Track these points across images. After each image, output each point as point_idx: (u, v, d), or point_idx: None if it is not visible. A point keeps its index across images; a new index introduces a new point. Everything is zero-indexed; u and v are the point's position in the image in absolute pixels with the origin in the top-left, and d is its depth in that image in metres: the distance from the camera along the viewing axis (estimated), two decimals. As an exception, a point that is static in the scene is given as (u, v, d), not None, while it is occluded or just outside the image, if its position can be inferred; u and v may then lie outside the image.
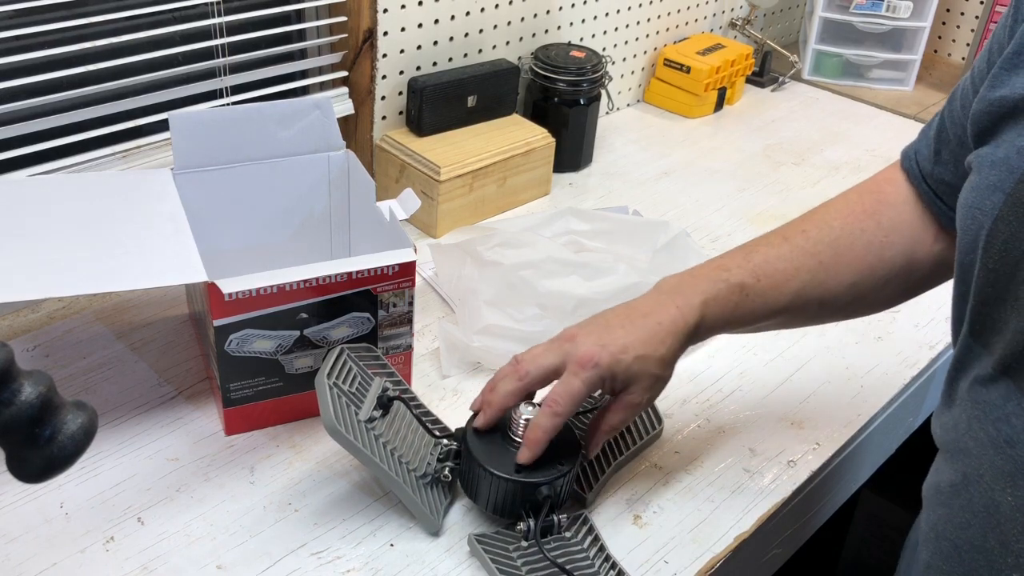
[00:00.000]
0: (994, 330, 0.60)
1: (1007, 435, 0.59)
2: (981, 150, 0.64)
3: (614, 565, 0.78)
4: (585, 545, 0.80)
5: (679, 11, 1.66)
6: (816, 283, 0.79)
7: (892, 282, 0.80)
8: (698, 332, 0.78)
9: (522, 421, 0.79)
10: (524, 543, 0.78)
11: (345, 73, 1.26)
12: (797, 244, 0.80)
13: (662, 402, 0.97)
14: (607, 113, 1.59)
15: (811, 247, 0.80)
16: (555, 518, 0.79)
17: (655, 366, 0.76)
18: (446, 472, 0.82)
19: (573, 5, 1.46)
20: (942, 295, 0.81)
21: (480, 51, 1.36)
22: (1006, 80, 0.63)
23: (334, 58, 1.25)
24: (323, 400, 0.76)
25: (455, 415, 0.94)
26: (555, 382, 0.77)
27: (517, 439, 0.79)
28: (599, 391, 0.78)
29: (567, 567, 0.76)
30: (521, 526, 0.78)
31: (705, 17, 1.74)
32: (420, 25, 1.26)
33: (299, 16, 1.26)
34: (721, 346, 1.07)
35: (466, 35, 1.33)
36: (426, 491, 0.82)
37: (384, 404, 0.82)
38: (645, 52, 1.64)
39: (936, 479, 0.67)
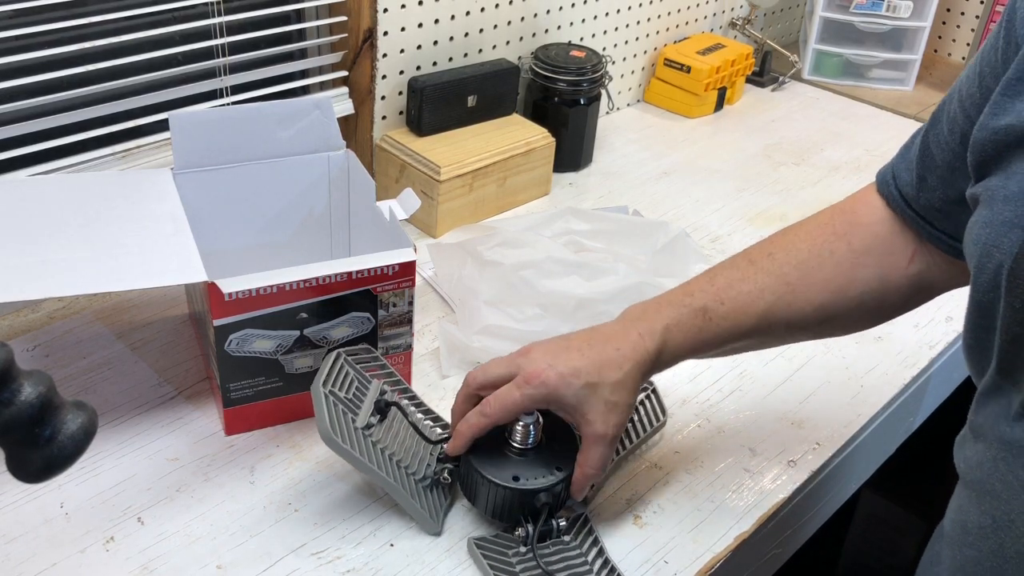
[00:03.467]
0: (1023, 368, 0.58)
1: None
2: (989, 182, 0.62)
3: (613, 569, 0.78)
4: (584, 549, 0.80)
5: (679, 11, 1.66)
6: (783, 304, 0.78)
7: (865, 304, 0.78)
8: (660, 358, 0.77)
9: (519, 428, 0.79)
10: (523, 548, 0.78)
11: (345, 73, 1.26)
12: (763, 267, 0.79)
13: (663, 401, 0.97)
14: (607, 113, 1.59)
15: (777, 269, 0.79)
16: (554, 523, 0.79)
17: (609, 392, 0.75)
18: (445, 474, 0.82)
19: (573, 5, 1.46)
20: (942, 297, 0.81)
21: (480, 51, 1.36)
22: (1009, 107, 0.60)
23: (334, 58, 1.25)
24: (319, 409, 0.76)
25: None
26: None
27: (516, 446, 0.79)
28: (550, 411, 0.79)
29: (562, 575, 0.76)
30: (520, 531, 0.78)
31: (705, 17, 1.74)
32: (420, 25, 1.26)
33: (299, 16, 1.26)
34: (721, 346, 1.07)
35: (466, 35, 1.33)
36: (425, 494, 0.82)
37: (381, 409, 0.82)
38: (645, 52, 1.64)
39: (962, 518, 0.63)
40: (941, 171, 0.72)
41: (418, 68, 1.29)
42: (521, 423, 0.79)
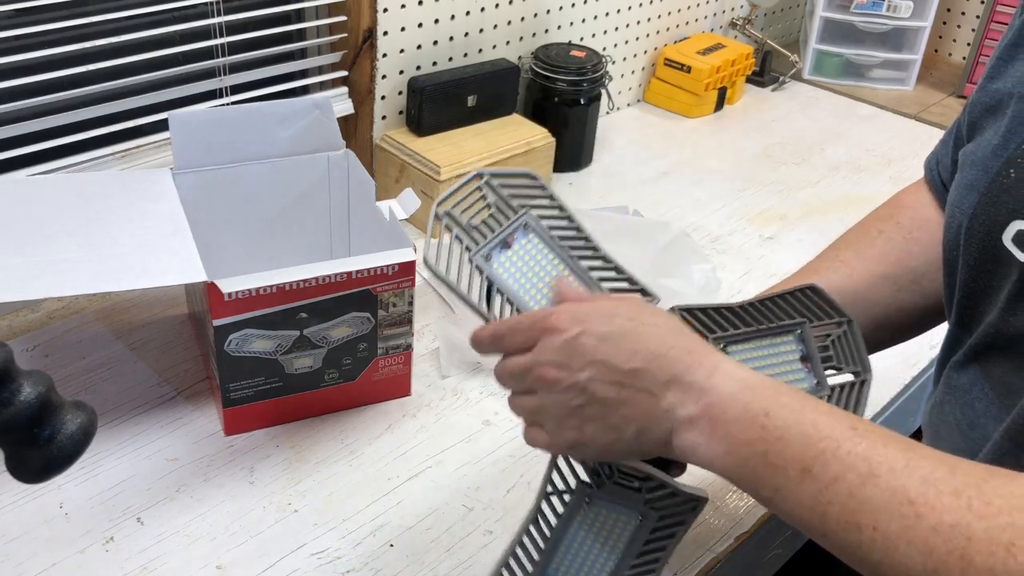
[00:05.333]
0: (977, 321, 0.63)
1: (970, 418, 0.62)
2: (967, 147, 0.66)
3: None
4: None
5: (679, 11, 1.66)
6: (842, 276, 0.74)
7: (932, 277, 0.74)
8: None
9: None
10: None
11: (345, 73, 1.26)
12: (812, 262, 0.77)
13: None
14: (607, 113, 1.59)
15: (827, 254, 0.77)
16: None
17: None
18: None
19: (573, 5, 1.46)
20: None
21: (480, 51, 1.36)
22: (1001, 71, 0.64)
23: (334, 58, 1.25)
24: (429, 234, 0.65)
25: (455, 415, 0.94)
26: None
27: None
28: None
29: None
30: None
31: (705, 17, 1.74)
32: (420, 25, 1.26)
33: (299, 16, 1.26)
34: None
35: (466, 35, 1.33)
36: None
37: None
38: (645, 52, 1.64)
39: None
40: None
41: (418, 68, 1.29)
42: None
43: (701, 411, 0.54)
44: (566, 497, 0.65)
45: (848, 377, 0.69)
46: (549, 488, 0.65)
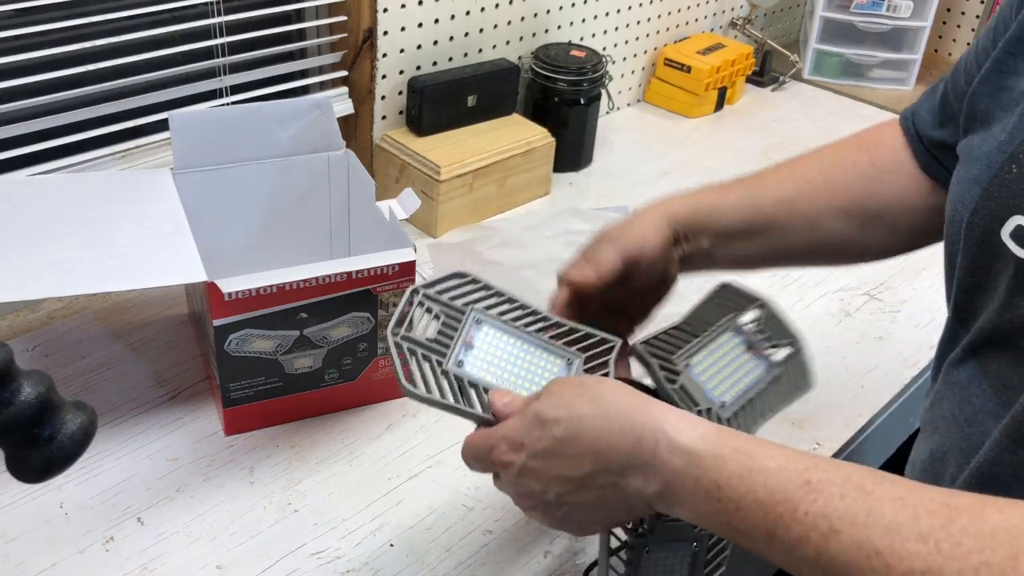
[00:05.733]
0: (974, 316, 0.64)
1: (968, 414, 0.63)
2: (970, 139, 0.66)
3: None
4: None
5: (679, 11, 1.66)
6: (805, 199, 0.78)
7: (885, 220, 0.78)
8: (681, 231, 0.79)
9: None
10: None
11: (345, 73, 1.26)
12: (785, 167, 0.81)
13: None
14: (607, 113, 1.59)
15: (800, 170, 0.80)
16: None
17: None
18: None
19: (573, 5, 1.46)
20: (942, 296, 0.81)
21: (480, 51, 1.36)
22: (1012, 66, 0.64)
23: (334, 58, 1.25)
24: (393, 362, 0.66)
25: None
26: None
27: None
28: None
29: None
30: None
31: (705, 16, 1.74)
32: (420, 25, 1.26)
33: (299, 16, 1.26)
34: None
35: (466, 35, 1.33)
36: None
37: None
38: (645, 52, 1.64)
39: (914, 456, 0.71)
40: (960, 118, 0.73)
41: (418, 68, 1.29)
42: None
43: (663, 487, 0.55)
44: (624, 555, 0.68)
45: (787, 351, 0.73)
46: (609, 551, 0.68)
